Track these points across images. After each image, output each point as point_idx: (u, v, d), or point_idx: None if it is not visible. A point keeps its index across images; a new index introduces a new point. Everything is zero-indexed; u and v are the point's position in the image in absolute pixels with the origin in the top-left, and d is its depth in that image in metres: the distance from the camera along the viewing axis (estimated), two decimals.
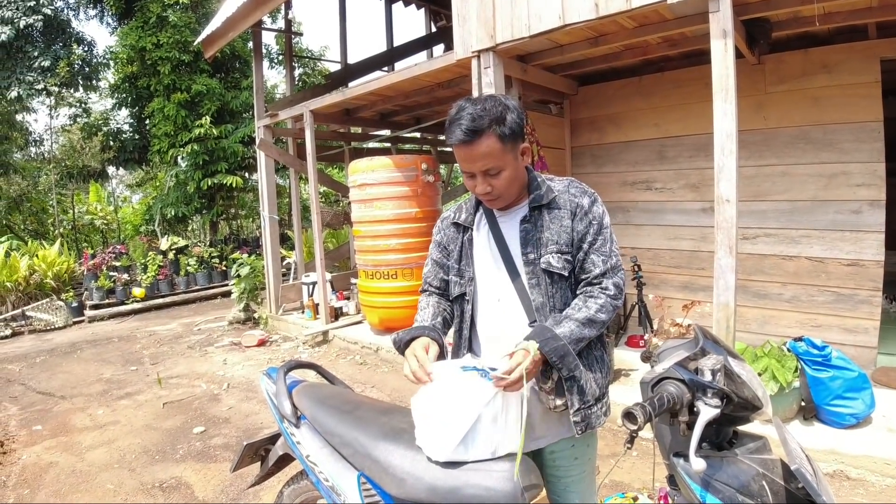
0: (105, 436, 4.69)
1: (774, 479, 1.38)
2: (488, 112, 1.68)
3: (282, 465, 2.46)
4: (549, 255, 1.79)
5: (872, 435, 3.68)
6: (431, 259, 2.07)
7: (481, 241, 1.92)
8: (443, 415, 1.64)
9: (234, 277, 8.84)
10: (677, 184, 5.91)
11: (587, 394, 1.79)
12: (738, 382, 1.40)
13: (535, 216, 1.84)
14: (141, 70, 12.54)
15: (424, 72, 5.73)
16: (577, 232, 1.82)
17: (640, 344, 5.53)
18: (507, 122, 1.70)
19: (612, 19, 4.23)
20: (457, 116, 1.70)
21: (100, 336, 8.52)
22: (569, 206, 1.84)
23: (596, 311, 1.73)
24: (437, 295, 2.06)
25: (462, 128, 1.67)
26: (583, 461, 1.92)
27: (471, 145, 1.68)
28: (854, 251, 4.84)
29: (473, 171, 1.74)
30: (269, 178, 8.33)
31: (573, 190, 1.89)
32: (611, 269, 1.80)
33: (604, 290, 1.78)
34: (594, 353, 1.86)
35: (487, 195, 1.78)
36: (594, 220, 1.83)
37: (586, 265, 1.81)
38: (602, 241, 1.82)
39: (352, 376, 5.90)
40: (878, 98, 4.68)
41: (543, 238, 1.81)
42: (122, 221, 15.86)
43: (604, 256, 1.80)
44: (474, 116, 1.67)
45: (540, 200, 1.84)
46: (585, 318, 1.71)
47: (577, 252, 1.82)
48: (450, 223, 2.01)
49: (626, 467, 3.69)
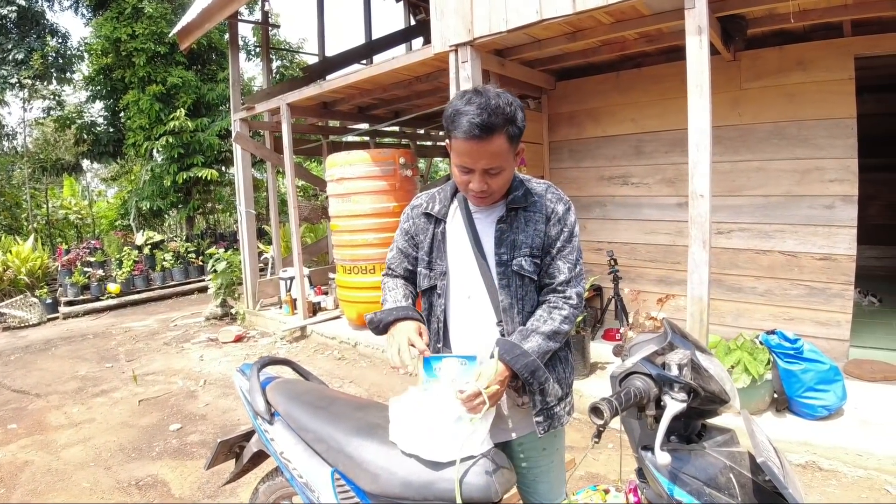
0: (81, 434, 4.63)
1: (742, 472, 1.39)
2: (502, 110, 1.62)
3: (257, 461, 2.45)
4: (522, 257, 1.79)
5: (844, 426, 3.75)
6: (396, 246, 2.04)
7: (455, 236, 1.90)
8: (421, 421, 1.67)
9: (211, 273, 8.75)
10: (654, 179, 5.95)
11: (549, 394, 1.81)
12: (705, 376, 1.41)
13: (511, 217, 1.83)
14: (115, 62, 12.32)
15: (402, 65, 5.71)
16: (549, 237, 1.82)
17: (616, 337, 5.58)
18: (517, 122, 1.67)
19: (590, 14, 4.25)
20: (465, 109, 1.62)
21: (75, 333, 8.40)
22: (544, 210, 1.84)
23: (560, 323, 1.75)
24: (402, 279, 2.05)
25: (475, 122, 1.59)
26: (551, 452, 1.94)
27: (481, 142, 1.61)
28: (827, 245, 4.92)
29: (475, 167, 1.68)
30: (246, 171, 8.26)
31: (550, 195, 1.87)
32: (574, 277, 1.82)
33: (567, 300, 1.79)
34: (558, 354, 1.87)
35: (482, 193, 1.74)
36: (566, 228, 1.83)
37: (551, 270, 1.82)
38: (570, 249, 1.83)
39: (330, 371, 5.88)
40: (851, 95, 4.74)
41: (518, 240, 1.81)
42: (97, 216, 15.64)
43: (570, 264, 1.82)
44: (490, 112, 1.59)
45: (518, 202, 1.83)
46: (551, 331, 1.73)
47: (544, 256, 1.83)
48: (421, 213, 1.97)
49: (601, 459, 3.73)
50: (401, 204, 6.65)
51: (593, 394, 4.50)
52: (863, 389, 4.25)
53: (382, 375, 5.68)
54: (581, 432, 4.09)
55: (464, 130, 1.61)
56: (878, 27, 4.66)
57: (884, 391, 4.23)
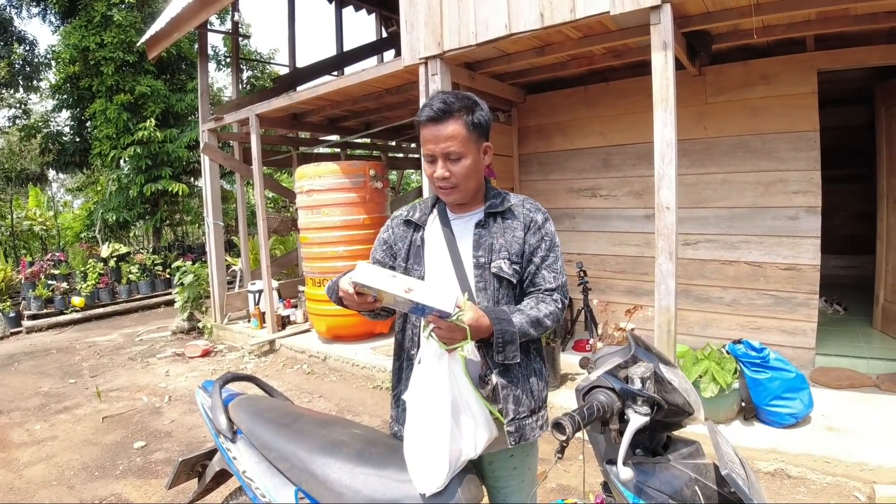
0: (43, 451, 4.51)
1: (707, 484, 1.39)
2: (460, 100, 1.77)
3: (220, 480, 2.40)
4: (501, 260, 1.81)
5: (811, 434, 3.80)
6: (374, 258, 2.03)
7: (433, 241, 1.92)
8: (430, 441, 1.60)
9: (178, 286, 8.60)
10: (622, 191, 6.01)
11: (522, 404, 1.80)
12: (668, 389, 1.41)
13: (489, 222, 1.87)
14: (83, 70, 12.11)
15: (373, 77, 5.70)
16: (528, 245, 1.85)
17: (586, 348, 5.61)
18: (476, 113, 1.79)
19: (558, 29, 4.29)
20: (430, 101, 1.78)
21: (38, 347, 8.19)
22: (523, 218, 1.87)
23: (545, 316, 1.76)
24: None
25: (433, 107, 1.74)
26: (522, 470, 1.92)
27: (438, 124, 1.74)
28: (791, 255, 5.01)
29: (436, 152, 1.77)
30: (214, 183, 8.15)
31: (528, 205, 1.92)
32: (560, 286, 1.85)
33: (555, 301, 1.82)
34: (533, 366, 1.87)
35: (445, 181, 1.79)
36: (546, 237, 1.87)
37: (537, 279, 1.84)
38: (553, 259, 1.86)
39: (299, 386, 5.80)
40: (814, 108, 4.86)
41: (496, 244, 1.83)
42: (63, 227, 15.29)
43: (555, 273, 1.85)
44: (447, 101, 1.75)
45: (495, 208, 1.88)
46: (535, 318, 1.74)
47: (526, 265, 1.85)
48: (401, 221, 2.01)
49: (573, 471, 3.72)
50: (371, 216, 6.63)
51: (564, 405, 4.50)
52: (829, 397, 4.32)
53: (353, 389, 5.62)
54: (552, 444, 4.07)
55: (425, 115, 1.77)
56: (840, 42, 4.79)
57: (850, 398, 4.31)
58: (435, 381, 1.59)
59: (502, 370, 1.76)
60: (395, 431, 1.95)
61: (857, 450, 3.52)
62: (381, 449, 1.82)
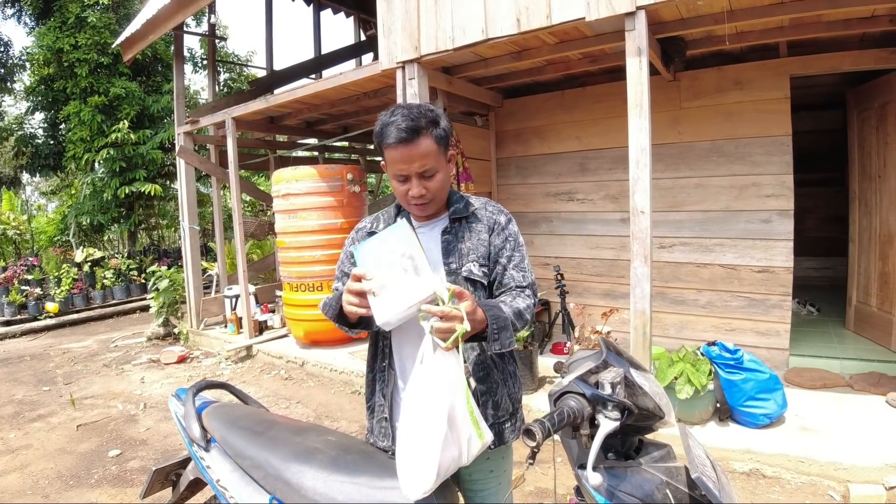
0: (17, 461, 4.43)
1: (678, 487, 1.40)
2: (424, 115, 1.72)
3: (195, 489, 2.38)
4: (470, 263, 1.81)
5: (786, 434, 3.85)
6: (342, 271, 1.99)
7: None
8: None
9: (153, 291, 8.49)
10: (598, 195, 6.06)
11: (501, 408, 1.82)
12: (639, 394, 1.42)
13: (455, 228, 1.86)
14: (57, 72, 11.96)
15: (350, 81, 5.68)
16: (494, 246, 1.85)
17: (563, 351, 5.64)
18: (441, 125, 1.76)
19: (534, 34, 4.31)
20: (391, 119, 1.72)
21: (11, 354, 8.04)
22: (486, 221, 1.87)
23: (524, 308, 1.75)
24: None
25: (400, 127, 1.68)
26: (498, 474, 1.92)
27: (410, 144, 1.69)
28: (765, 258, 5.08)
29: (410, 172, 1.73)
30: (190, 186, 8.05)
31: (490, 208, 1.92)
32: (530, 284, 1.85)
33: (528, 297, 1.81)
34: (508, 369, 1.88)
35: (421, 198, 1.76)
36: (510, 237, 1.87)
37: (506, 280, 1.83)
38: (520, 258, 1.86)
39: (276, 392, 5.76)
40: (787, 113, 4.94)
41: (464, 249, 1.83)
42: (36, 231, 15.03)
43: (524, 272, 1.84)
44: (412, 117, 1.69)
45: (460, 213, 1.86)
46: (517, 309, 1.72)
47: (493, 266, 1.85)
48: (366, 233, 1.96)
49: (550, 474, 3.73)
50: (348, 220, 6.59)
51: (542, 408, 4.52)
52: (803, 397, 4.38)
53: (330, 395, 5.59)
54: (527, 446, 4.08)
55: (393, 137, 1.69)
56: (812, 48, 4.88)
57: (823, 398, 4.37)
58: (434, 383, 1.56)
59: (481, 376, 1.77)
60: (371, 442, 1.93)
61: (832, 449, 3.57)
62: (355, 456, 1.80)
